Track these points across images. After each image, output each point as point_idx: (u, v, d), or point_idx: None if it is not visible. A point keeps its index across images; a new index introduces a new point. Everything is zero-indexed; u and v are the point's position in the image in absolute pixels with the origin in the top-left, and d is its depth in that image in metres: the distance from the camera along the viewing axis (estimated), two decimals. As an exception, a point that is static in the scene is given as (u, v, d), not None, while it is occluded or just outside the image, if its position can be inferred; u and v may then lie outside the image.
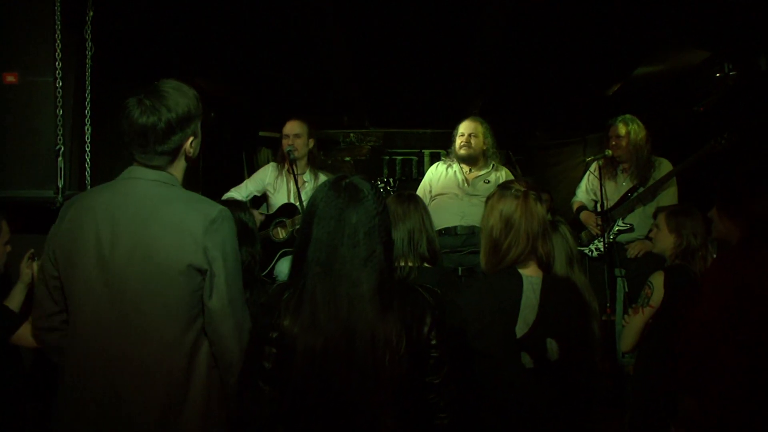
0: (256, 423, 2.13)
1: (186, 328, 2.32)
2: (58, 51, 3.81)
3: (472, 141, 5.50)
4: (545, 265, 2.81)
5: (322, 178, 5.48)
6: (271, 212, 5.33)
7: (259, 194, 5.47)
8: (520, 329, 2.69)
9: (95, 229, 2.32)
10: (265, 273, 5.05)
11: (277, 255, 5.18)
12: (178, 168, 2.50)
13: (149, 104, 2.36)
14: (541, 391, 2.67)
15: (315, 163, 5.55)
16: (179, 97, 2.42)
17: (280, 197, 5.36)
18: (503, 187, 2.92)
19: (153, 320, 2.28)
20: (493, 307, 2.70)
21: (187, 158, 2.52)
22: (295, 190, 5.17)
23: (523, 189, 2.81)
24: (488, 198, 2.98)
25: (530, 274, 2.77)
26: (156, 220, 2.31)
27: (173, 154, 2.45)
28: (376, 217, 2.13)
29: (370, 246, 2.09)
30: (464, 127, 5.58)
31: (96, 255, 2.30)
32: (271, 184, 5.41)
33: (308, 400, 2.05)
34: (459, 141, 5.56)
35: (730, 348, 2.64)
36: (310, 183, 5.35)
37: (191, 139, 2.48)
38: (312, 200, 2.19)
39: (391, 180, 5.24)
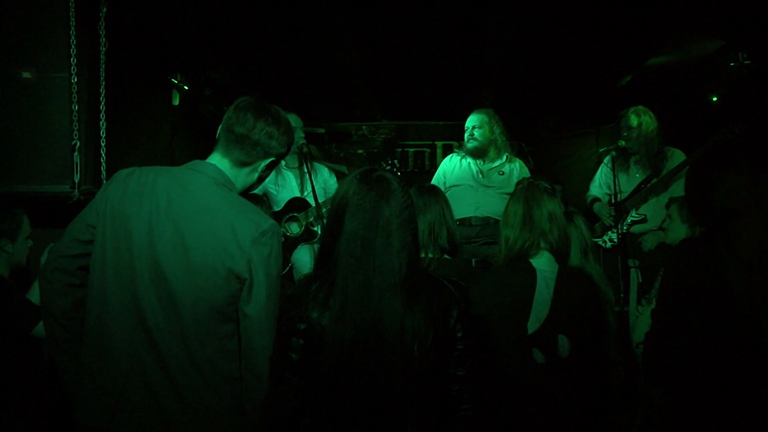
0: (282, 414, 2.15)
1: (213, 329, 2.33)
2: (73, 47, 3.85)
3: (476, 133, 5.52)
4: (560, 255, 2.82)
5: (318, 166, 5.49)
6: (277, 209, 5.29)
7: (259, 193, 5.40)
8: (532, 325, 2.71)
9: (150, 209, 2.35)
10: (285, 271, 5.05)
11: (296, 250, 5.17)
12: (242, 177, 2.56)
13: (266, 123, 2.50)
14: (553, 386, 2.69)
15: (308, 154, 5.52)
16: (287, 131, 2.58)
17: (286, 192, 5.32)
18: (524, 181, 2.96)
19: (184, 311, 2.30)
20: (506, 303, 2.72)
21: (255, 176, 2.61)
22: (305, 183, 5.17)
23: (530, 180, 2.85)
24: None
25: (544, 267, 2.78)
26: (206, 219, 2.34)
27: (246, 165, 2.54)
28: (407, 209, 2.16)
29: (402, 237, 2.12)
30: (468, 122, 5.63)
31: (147, 235, 2.33)
32: (272, 181, 5.31)
33: (336, 390, 2.07)
34: (466, 136, 5.59)
35: (688, 337, 2.66)
36: (311, 174, 5.30)
37: (268, 161, 2.57)
38: (342, 194, 2.19)
39: (396, 162, 5.24)
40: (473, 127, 5.54)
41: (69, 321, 2.44)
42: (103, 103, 4.07)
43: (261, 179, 2.64)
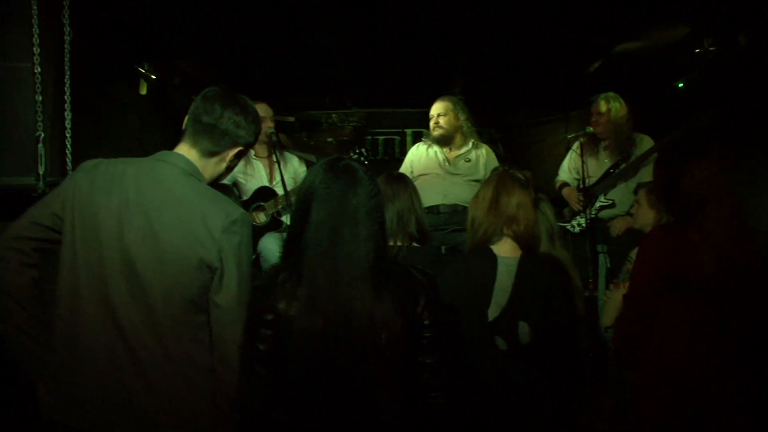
0: (252, 405, 2.14)
1: (186, 321, 2.32)
2: (36, 36, 3.77)
3: (441, 120, 5.52)
4: (525, 243, 2.84)
5: (288, 156, 5.47)
6: (245, 198, 5.27)
7: (229, 183, 5.37)
8: (493, 312, 2.73)
9: (119, 200, 2.33)
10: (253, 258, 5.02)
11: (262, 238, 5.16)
12: (210, 167, 2.55)
13: (233, 112, 2.50)
14: (516, 372, 2.72)
15: (278, 143, 5.49)
16: (255, 120, 2.59)
17: (255, 182, 5.30)
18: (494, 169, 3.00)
19: (156, 303, 2.28)
20: (468, 290, 2.75)
21: (223, 166, 2.59)
22: (274, 172, 5.16)
23: (501, 169, 2.88)
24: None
25: (506, 254, 2.81)
26: (176, 208, 2.33)
27: (213, 155, 2.53)
28: (374, 198, 2.17)
29: (370, 226, 2.13)
30: (433, 110, 5.62)
31: (117, 226, 2.31)
32: (240, 171, 5.25)
33: (307, 381, 2.07)
34: (431, 124, 5.59)
35: (660, 321, 2.70)
36: (281, 163, 5.27)
37: (236, 150, 2.56)
38: (309, 183, 2.20)
39: (364, 150, 5.24)
40: (438, 115, 5.55)
41: (25, 299, 2.38)
42: (68, 93, 4.01)
43: (229, 169, 2.63)
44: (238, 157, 2.61)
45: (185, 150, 2.50)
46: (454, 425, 2.19)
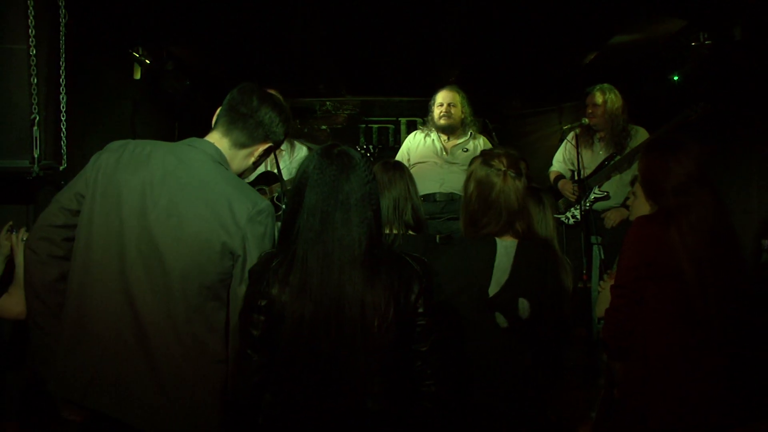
0: (244, 391, 2.14)
1: (202, 306, 2.30)
2: (31, 18, 3.74)
3: (452, 111, 5.51)
4: (522, 236, 2.86)
5: (298, 145, 5.45)
6: (247, 181, 5.25)
7: None
8: (493, 290, 2.75)
9: (144, 179, 2.33)
10: None
11: None
12: (238, 160, 2.56)
13: (269, 108, 2.55)
14: (514, 349, 2.75)
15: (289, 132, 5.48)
16: (287, 120, 2.65)
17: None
18: (485, 161, 2.93)
19: (173, 285, 2.27)
20: (467, 270, 2.76)
21: (251, 160, 2.62)
22: (273, 158, 5.15)
23: (503, 168, 2.84)
24: (471, 163, 3.02)
25: (505, 239, 2.83)
26: (203, 192, 2.33)
27: (244, 147, 2.55)
28: (368, 185, 2.17)
29: (362, 212, 2.12)
30: (442, 97, 5.58)
31: (140, 204, 2.31)
32: None
33: (297, 367, 2.07)
34: (438, 111, 5.55)
35: (643, 313, 2.73)
36: (286, 151, 5.29)
37: (266, 146, 2.60)
38: (303, 169, 2.20)
39: (370, 147, 5.23)
40: (449, 105, 5.53)
41: (47, 293, 2.39)
42: (63, 76, 3.98)
43: (256, 165, 2.66)
44: (266, 154, 2.64)
45: (216, 139, 2.51)
46: (443, 413, 2.19)
